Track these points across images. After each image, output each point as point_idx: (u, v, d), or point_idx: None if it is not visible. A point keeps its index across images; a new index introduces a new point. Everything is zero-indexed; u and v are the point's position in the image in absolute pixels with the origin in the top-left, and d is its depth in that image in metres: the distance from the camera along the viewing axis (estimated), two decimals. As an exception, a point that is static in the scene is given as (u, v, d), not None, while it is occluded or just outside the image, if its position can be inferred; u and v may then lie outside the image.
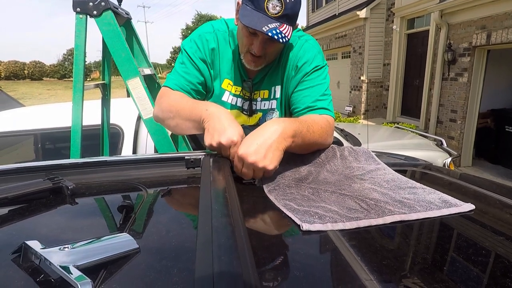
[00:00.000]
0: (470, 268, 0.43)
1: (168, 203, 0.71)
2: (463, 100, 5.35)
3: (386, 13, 8.00)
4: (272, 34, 0.86)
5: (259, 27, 0.86)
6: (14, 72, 34.30)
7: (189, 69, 1.04)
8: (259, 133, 0.75)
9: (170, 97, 1.01)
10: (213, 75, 1.08)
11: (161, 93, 1.05)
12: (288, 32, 0.89)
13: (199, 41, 1.05)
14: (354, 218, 0.54)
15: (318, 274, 0.42)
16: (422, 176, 0.93)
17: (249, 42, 0.95)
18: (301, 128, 0.81)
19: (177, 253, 0.46)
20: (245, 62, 1.01)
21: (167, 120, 1.00)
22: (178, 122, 0.96)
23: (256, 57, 0.97)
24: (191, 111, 0.90)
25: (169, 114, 0.98)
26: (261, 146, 0.72)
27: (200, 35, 1.06)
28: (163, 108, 1.00)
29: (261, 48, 0.95)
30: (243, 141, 0.75)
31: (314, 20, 12.21)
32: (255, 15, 0.88)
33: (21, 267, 0.42)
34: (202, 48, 1.04)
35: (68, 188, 0.66)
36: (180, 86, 1.02)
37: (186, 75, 1.03)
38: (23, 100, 11.68)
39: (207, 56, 1.05)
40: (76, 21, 1.52)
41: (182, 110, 0.94)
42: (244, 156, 0.71)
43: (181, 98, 0.99)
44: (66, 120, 1.65)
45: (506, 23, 4.45)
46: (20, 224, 0.57)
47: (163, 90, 1.05)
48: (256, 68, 1.01)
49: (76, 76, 1.58)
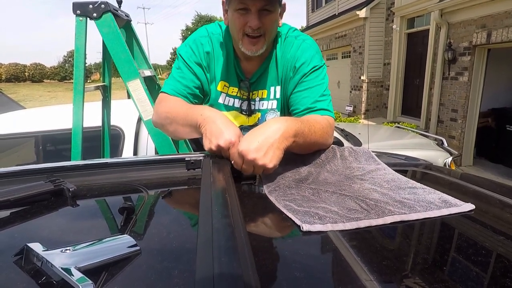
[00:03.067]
0: (470, 268, 0.44)
1: (168, 205, 0.71)
2: (463, 100, 5.35)
3: (386, 12, 8.00)
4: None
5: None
6: (14, 74, 34.36)
7: (185, 74, 1.05)
8: (261, 131, 0.75)
9: (167, 103, 1.02)
10: (209, 79, 1.08)
11: (158, 99, 1.06)
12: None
13: (194, 46, 1.06)
14: (354, 219, 0.54)
15: (318, 274, 0.42)
16: (423, 176, 0.93)
17: (243, 21, 0.94)
18: (303, 127, 0.81)
19: (178, 255, 0.46)
20: (245, 49, 0.99)
21: (165, 126, 1.02)
22: (176, 128, 0.97)
23: (255, 38, 0.96)
24: (187, 117, 0.91)
25: (166, 120, 0.99)
26: (262, 143, 0.72)
27: (195, 40, 1.07)
28: (161, 115, 1.02)
29: (257, 19, 0.93)
30: (244, 137, 0.75)
31: (314, 20, 12.21)
32: None
33: (23, 269, 0.42)
34: (197, 52, 1.05)
35: (69, 190, 0.66)
36: (177, 91, 1.03)
37: (183, 80, 1.04)
38: (24, 103, 11.69)
39: (202, 60, 1.05)
40: (76, 23, 1.53)
41: (178, 116, 0.95)
42: (244, 153, 0.71)
43: (177, 104, 1.00)
44: (67, 122, 1.65)
45: (506, 22, 4.45)
46: (22, 227, 0.57)
47: (160, 96, 1.06)
48: (257, 51, 0.98)
49: (77, 78, 1.59)
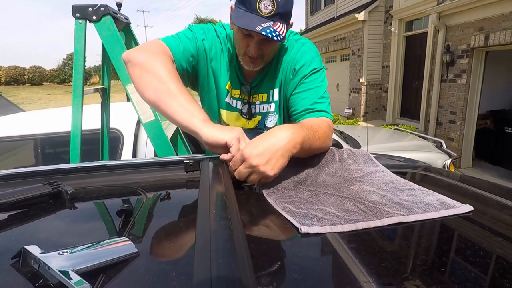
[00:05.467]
0: (468, 270, 0.43)
1: (167, 207, 0.71)
2: (462, 102, 5.37)
3: (384, 15, 8.04)
4: (266, 33, 0.86)
5: (253, 27, 0.86)
6: (14, 77, 34.41)
7: (188, 39, 1.01)
8: (267, 137, 0.73)
9: (157, 72, 0.87)
10: (213, 71, 1.07)
11: (150, 48, 0.94)
12: (282, 30, 0.89)
13: (208, 30, 1.05)
14: (352, 221, 0.54)
15: (316, 276, 0.42)
16: (422, 178, 0.93)
17: (245, 44, 0.96)
18: (309, 134, 0.81)
19: (176, 257, 0.46)
20: (244, 64, 1.01)
21: (142, 91, 0.88)
22: (160, 105, 0.85)
23: (254, 58, 0.98)
24: (180, 117, 0.82)
25: (149, 94, 0.86)
26: (266, 150, 0.71)
27: (209, 29, 1.06)
28: (145, 82, 0.87)
29: (257, 49, 0.95)
30: (250, 142, 0.74)
31: (313, 23, 12.25)
32: (248, 16, 0.88)
33: (20, 272, 0.42)
34: (208, 36, 1.04)
35: (67, 193, 0.66)
36: (172, 47, 0.97)
37: (184, 39, 1.00)
38: (23, 105, 11.70)
39: (211, 46, 1.04)
40: (75, 26, 1.53)
41: (167, 106, 0.83)
42: (247, 156, 0.69)
43: (171, 68, 0.89)
44: (66, 125, 1.65)
45: (504, 24, 4.48)
46: (20, 229, 0.57)
47: (154, 43, 0.97)
48: (255, 68, 1.01)
49: (76, 81, 1.59)
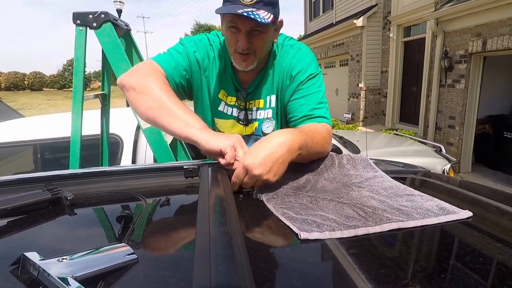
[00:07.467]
0: (468, 275, 0.43)
1: (166, 213, 0.71)
2: (461, 107, 5.39)
3: (382, 21, 8.11)
4: (248, 14, 0.86)
5: (234, 11, 0.87)
6: (14, 82, 34.52)
7: (180, 56, 1.03)
8: (266, 145, 0.74)
9: (154, 78, 0.93)
10: (207, 81, 1.08)
11: (140, 69, 0.98)
12: (266, 16, 0.89)
13: (198, 42, 1.07)
14: (352, 226, 0.54)
15: (316, 282, 0.42)
16: (421, 183, 0.94)
17: (235, 40, 0.95)
18: (307, 139, 0.81)
19: (175, 263, 0.46)
20: (236, 64, 1.00)
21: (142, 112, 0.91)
22: (157, 122, 0.89)
23: (245, 55, 0.97)
24: (177, 130, 0.85)
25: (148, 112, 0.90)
26: (267, 159, 0.71)
27: (201, 39, 1.08)
28: (139, 80, 0.92)
29: (246, 42, 0.94)
30: (249, 151, 0.74)
31: (312, 29, 12.34)
32: (231, 6, 0.90)
33: (20, 279, 0.42)
34: (200, 48, 1.06)
35: (67, 199, 0.66)
36: (165, 66, 1.00)
37: (176, 56, 1.02)
38: (23, 111, 11.72)
39: (204, 57, 1.06)
40: (76, 33, 1.54)
41: (164, 122, 0.87)
42: (249, 168, 0.70)
43: (165, 86, 0.93)
44: (66, 131, 1.65)
45: (501, 30, 4.52)
46: (19, 235, 0.57)
47: (145, 64, 1.01)
48: (247, 67, 0.99)
49: (76, 87, 1.60)
